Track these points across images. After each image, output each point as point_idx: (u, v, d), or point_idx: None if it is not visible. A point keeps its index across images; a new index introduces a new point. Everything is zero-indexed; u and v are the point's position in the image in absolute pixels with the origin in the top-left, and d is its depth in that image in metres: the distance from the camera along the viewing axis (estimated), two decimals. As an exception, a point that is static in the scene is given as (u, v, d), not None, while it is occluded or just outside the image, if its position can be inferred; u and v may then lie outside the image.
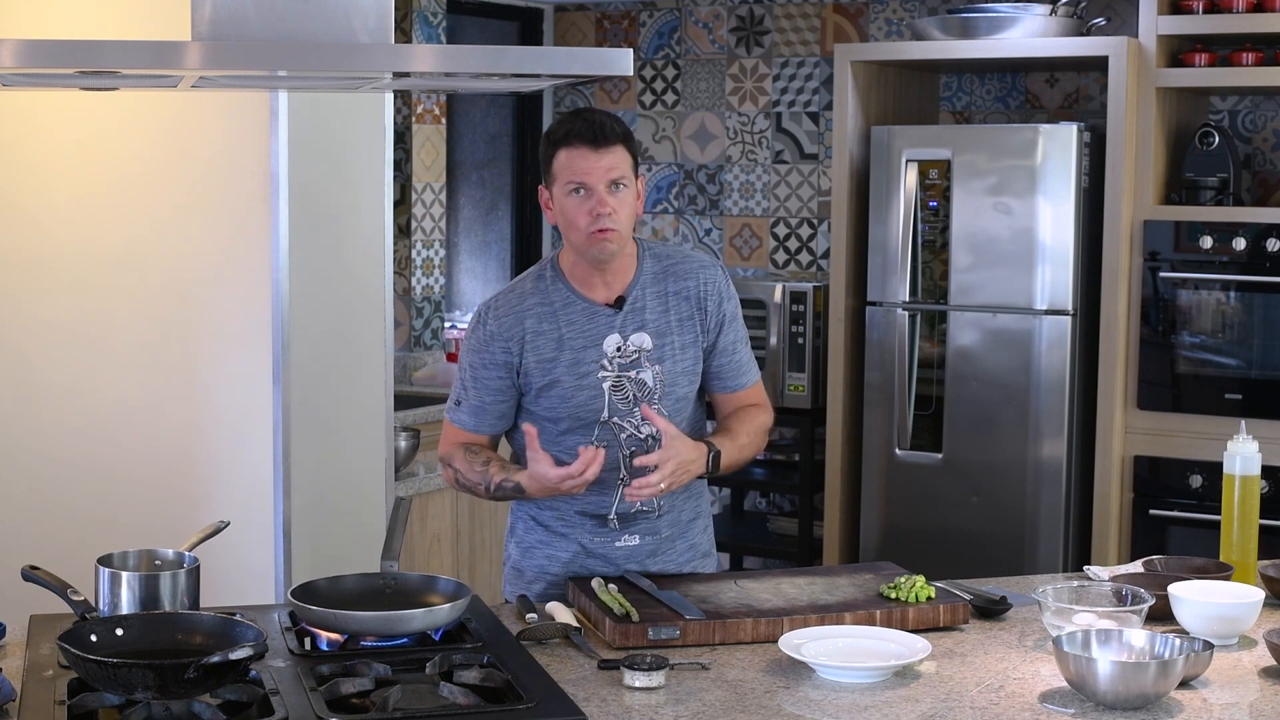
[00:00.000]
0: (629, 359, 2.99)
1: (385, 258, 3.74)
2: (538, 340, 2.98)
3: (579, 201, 2.92)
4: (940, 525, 5.21)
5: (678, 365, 3.03)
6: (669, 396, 3.02)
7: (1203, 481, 4.86)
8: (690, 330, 3.05)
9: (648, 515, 3.06)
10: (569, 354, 2.98)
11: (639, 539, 3.07)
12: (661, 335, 3.02)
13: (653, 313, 3.02)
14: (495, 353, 3.00)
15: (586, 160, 2.90)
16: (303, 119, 3.47)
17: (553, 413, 3.00)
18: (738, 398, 3.14)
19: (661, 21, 6.39)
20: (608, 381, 2.99)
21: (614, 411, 2.99)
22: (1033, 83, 5.71)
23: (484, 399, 3.03)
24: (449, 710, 2.27)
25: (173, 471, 3.59)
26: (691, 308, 3.05)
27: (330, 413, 3.63)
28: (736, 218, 6.28)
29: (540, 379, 2.99)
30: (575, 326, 2.99)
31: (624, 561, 3.06)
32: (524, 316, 3.00)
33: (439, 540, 5.25)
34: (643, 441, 3.00)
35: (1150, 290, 4.97)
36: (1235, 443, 3.14)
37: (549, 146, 2.95)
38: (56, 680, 2.38)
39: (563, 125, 2.95)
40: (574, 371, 2.98)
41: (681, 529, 3.12)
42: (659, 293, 3.03)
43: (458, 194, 6.55)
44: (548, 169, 2.96)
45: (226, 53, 2.39)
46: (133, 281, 3.60)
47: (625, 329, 3.00)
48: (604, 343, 2.99)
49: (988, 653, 2.69)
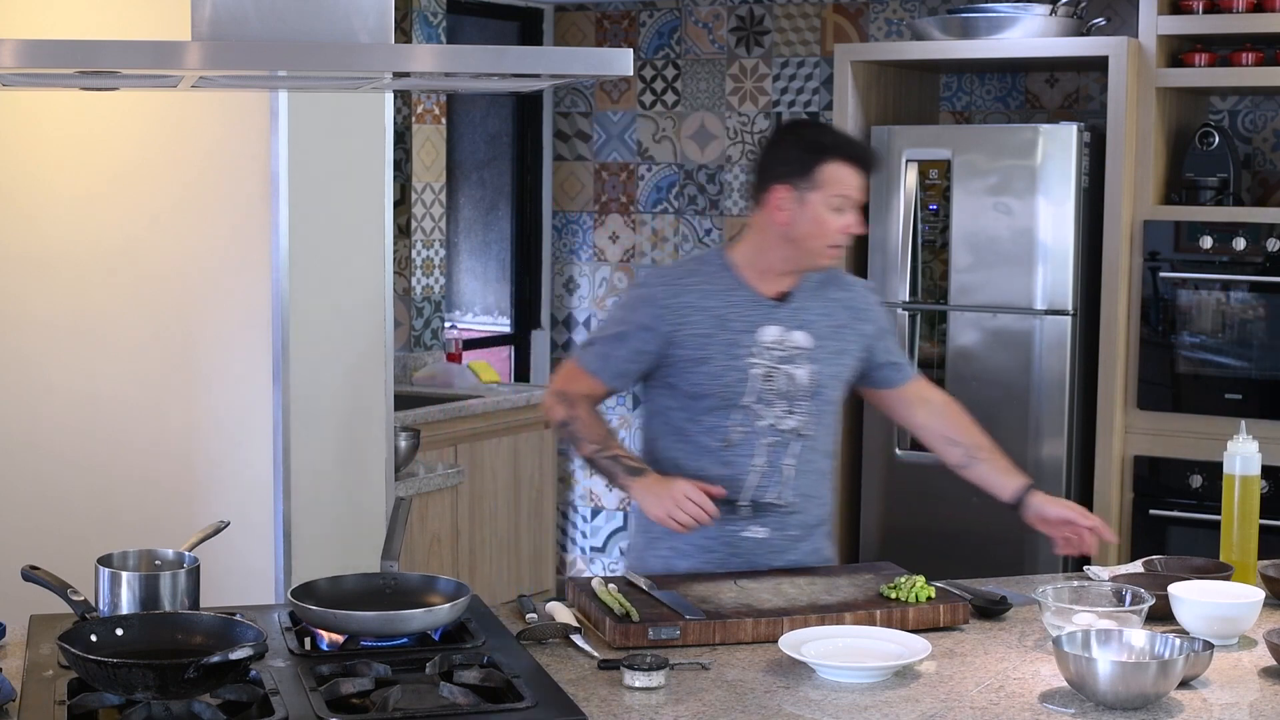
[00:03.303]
0: (786, 353, 3.10)
1: (385, 258, 3.74)
2: (695, 315, 3.09)
3: (838, 216, 3.05)
4: (940, 525, 5.21)
5: (829, 369, 3.15)
6: (818, 397, 3.14)
7: (1203, 481, 4.86)
8: (845, 339, 3.18)
9: (779, 508, 3.15)
10: (726, 335, 3.08)
11: (768, 532, 3.15)
12: (820, 338, 3.14)
13: (814, 314, 3.15)
14: (644, 315, 3.11)
15: (857, 180, 3.06)
16: (303, 119, 3.47)
17: (698, 389, 3.10)
18: (911, 388, 3.30)
19: (661, 21, 6.39)
20: (758, 369, 3.09)
21: (760, 398, 3.09)
22: (1033, 83, 5.71)
23: (616, 351, 3.14)
24: (449, 710, 2.27)
25: (173, 471, 3.59)
26: (849, 318, 3.18)
27: (330, 412, 3.63)
28: (736, 218, 6.28)
29: (693, 352, 3.09)
30: (736, 310, 3.10)
31: (751, 553, 3.13)
32: (685, 290, 3.11)
33: (439, 540, 5.26)
34: (781, 434, 3.11)
35: (1150, 290, 4.97)
36: (1235, 443, 3.14)
37: (814, 153, 3.05)
38: (56, 680, 2.38)
39: (829, 136, 3.10)
40: (727, 352, 3.08)
41: (808, 531, 3.21)
42: (822, 298, 3.16)
43: (458, 194, 6.55)
44: (806, 174, 3.04)
45: (226, 53, 2.39)
46: (132, 281, 3.60)
47: (787, 323, 3.11)
48: (761, 331, 3.10)
49: (988, 653, 2.69)
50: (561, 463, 6.62)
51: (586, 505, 6.68)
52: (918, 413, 3.31)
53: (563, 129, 6.64)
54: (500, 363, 6.64)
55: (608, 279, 6.58)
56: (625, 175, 6.51)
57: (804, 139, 3.11)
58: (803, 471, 3.16)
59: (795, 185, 3.05)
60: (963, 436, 3.27)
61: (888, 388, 3.30)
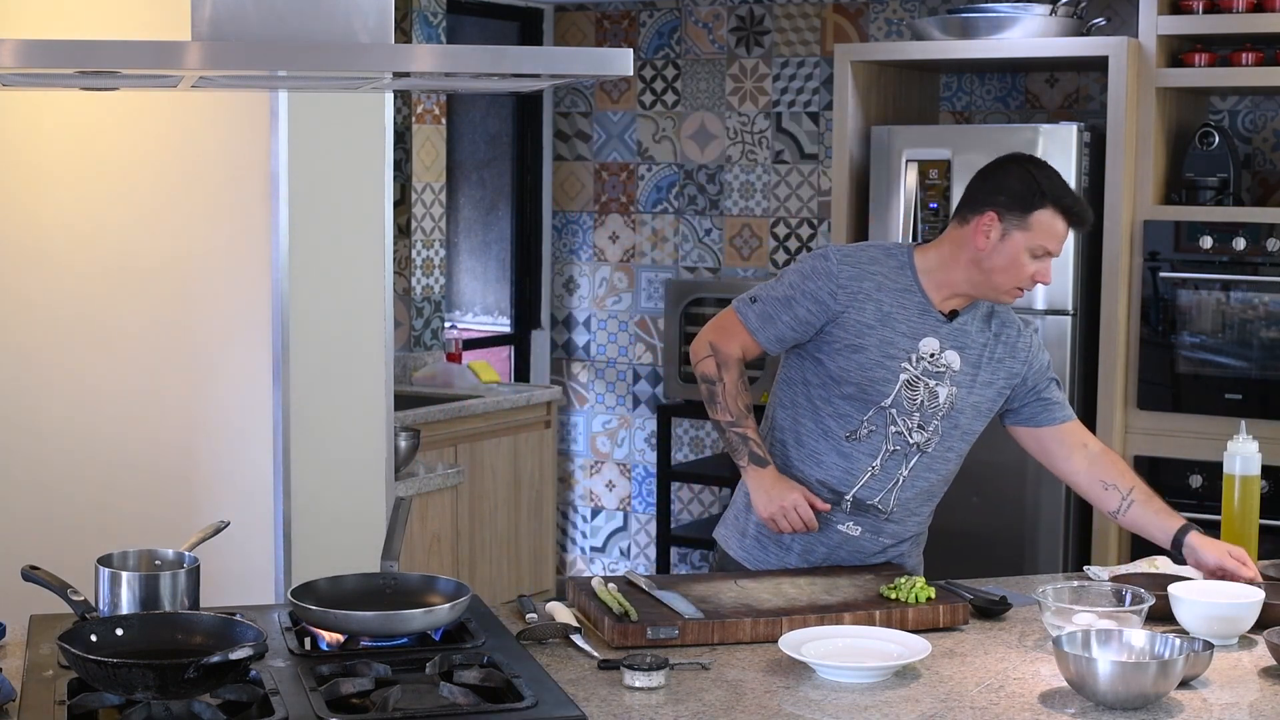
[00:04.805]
0: (936, 369, 3.11)
1: (385, 258, 3.74)
2: (867, 303, 3.09)
3: (1034, 262, 3.05)
4: (940, 525, 5.19)
5: (972, 396, 3.14)
6: (949, 420, 3.14)
7: (1203, 481, 4.86)
8: (996, 373, 3.16)
9: (880, 513, 3.16)
10: (887, 332, 3.09)
11: (860, 531, 3.17)
12: (969, 364, 3.13)
13: (973, 340, 3.14)
14: (819, 288, 3.10)
15: (1064, 233, 3.05)
16: (303, 119, 3.47)
17: (844, 374, 3.10)
18: (1065, 429, 3.23)
19: (661, 21, 6.39)
20: (906, 374, 3.09)
21: (897, 403, 3.10)
22: (1033, 83, 5.71)
23: (780, 315, 3.13)
24: (449, 710, 2.27)
25: (173, 471, 3.59)
26: (1008, 351, 3.17)
27: (330, 412, 3.63)
28: (736, 218, 6.29)
29: (851, 338, 3.09)
30: (905, 312, 3.10)
31: (838, 547, 3.17)
32: (866, 276, 3.11)
33: (439, 540, 5.26)
34: (907, 445, 3.12)
35: (1150, 290, 4.97)
36: (1235, 443, 3.14)
37: (1041, 197, 3.04)
38: (56, 680, 2.38)
39: (1055, 184, 3.07)
40: (883, 350, 3.09)
41: (899, 542, 3.23)
42: (985, 328, 3.16)
43: (458, 194, 6.55)
44: (1024, 213, 3.04)
45: (226, 53, 2.39)
46: (133, 282, 3.60)
47: (946, 341, 3.11)
48: (922, 341, 3.10)
49: (988, 653, 2.69)
50: (561, 463, 6.63)
51: (586, 505, 6.68)
52: (1074, 457, 3.22)
53: (563, 129, 6.64)
54: (500, 363, 6.64)
55: (607, 279, 6.58)
56: (625, 175, 6.51)
57: (1031, 177, 3.08)
58: (912, 485, 3.17)
59: (1005, 218, 3.05)
60: (1118, 480, 3.19)
61: (1038, 425, 3.22)
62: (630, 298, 6.54)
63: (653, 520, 6.47)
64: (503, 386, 6.00)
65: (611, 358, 6.61)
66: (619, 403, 6.58)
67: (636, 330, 6.54)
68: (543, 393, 5.91)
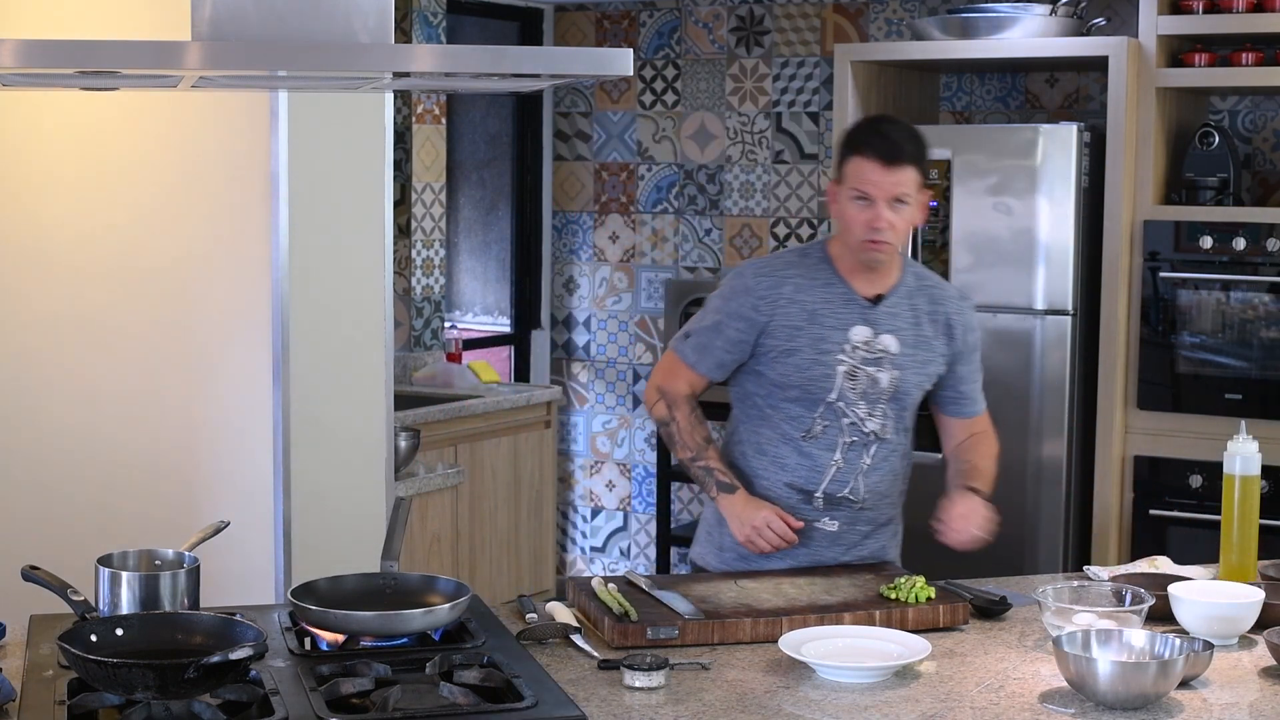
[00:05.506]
0: (873, 355, 3.13)
1: (385, 258, 3.74)
2: (790, 308, 3.12)
3: (859, 210, 3.06)
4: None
5: (913, 376, 3.18)
6: (896, 402, 3.17)
7: (1203, 481, 4.86)
8: (932, 349, 3.20)
9: (852, 503, 3.19)
10: (816, 329, 3.12)
11: (838, 526, 3.19)
12: (907, 345, 3.16)
13: (904, 321, 3.16)
14: (744, 306, 3.14)
15: (875, 174, 3.04)
16: (303, 119, 3.47)
17: (784, 379, 3.14)
18: (966, 424, 3.32)
19: (661, 21, 6.39)
20: (843, 366, 3.13)
21: (842, 396, 3.13)
22: (1033, 83, 5.71)
23: (713, 342, 3.17)
24: (449, 710, 2.27)
25: (173, 471, 3.59)
26: (939, 330, 3.20)
27: (330, 412, 3.63)
28: (736, 218, 6.29)
29: (783, 344, 3.12)
30: (830, 306, 3.13)
31: (820, 546, 3.18)
32: (784, 282, 3.14)
33: (439, 540, 5.26)
34: (863, 434, 3.15)
35: (1150, 290, 4.97)
36: (1235, 443, 3.13)
37: (845, 148, 3.10)
38: (56, 680, 2.38)
39: (862, 133, 3.10)
40: (816, 347, 3.12)
41: (877, 528, 3.26)
42: (913, 306, 3.18)
43: (458, 194, 6.55)
44: (839, 168, 3.11)
45: (226, 53, 2.39)
46: (133, 282, 3.60)
47: (877, 326, 3.14)
48: (851, 330, 3.13)
49: (988, 653, 2.69)
50: (561, 463, 6.63)
51: (586, 505, 6.68)
52: (957, 439, 3.34)
53: (563, 129, 6.64)
54: (500, 363, 6.64)
55: (607, 279, 6.58)
56: (625, 175, 6.51)
57: (846, 136, 3.15)
58: (877, 470, 3.20)
59: (836, 180, 3.13)
60: (969, 455, 3.29)
61: (944, 413, 3.33)
62: (630, 298, 6.54)
63: (653, 520, 6.47)
64: (503, 386, 6.00)
65: (611, 358, 6.61)
66: (619, 403, 6.58)
67: (636, 330, 6.54)
68: (543, 393, 5.91)
